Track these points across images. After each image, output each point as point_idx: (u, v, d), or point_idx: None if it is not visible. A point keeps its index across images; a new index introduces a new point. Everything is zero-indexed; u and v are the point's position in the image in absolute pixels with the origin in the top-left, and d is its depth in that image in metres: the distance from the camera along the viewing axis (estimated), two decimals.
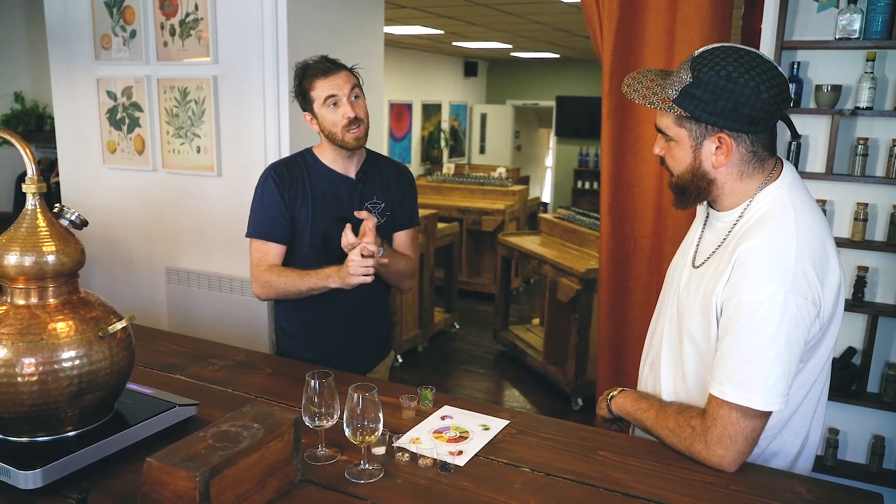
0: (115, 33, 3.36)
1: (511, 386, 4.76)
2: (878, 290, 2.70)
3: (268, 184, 2.02)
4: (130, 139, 3.44)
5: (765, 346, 1.27)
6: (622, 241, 2.92)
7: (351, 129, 1.94)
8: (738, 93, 1.30)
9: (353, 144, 1.97)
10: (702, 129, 1.36)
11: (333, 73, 1.95)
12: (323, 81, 1.94)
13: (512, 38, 7.78)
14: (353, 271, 1.80)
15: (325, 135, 1.99)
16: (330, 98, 1.93)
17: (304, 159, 2.07)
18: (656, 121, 1.44)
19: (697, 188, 1.42)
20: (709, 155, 1.38)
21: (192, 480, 1.10)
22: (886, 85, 2.59)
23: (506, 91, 11.44)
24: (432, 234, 5.22)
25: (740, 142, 1.36)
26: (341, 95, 1.93)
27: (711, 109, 1.32)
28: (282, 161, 2.08)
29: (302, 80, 1.97)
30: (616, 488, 1.33)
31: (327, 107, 1.94)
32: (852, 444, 2.79)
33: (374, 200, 2.07)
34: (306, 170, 2.04)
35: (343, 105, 1.93)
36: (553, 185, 11.54)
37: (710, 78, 1.31)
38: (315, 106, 1.96)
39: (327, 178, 2.04)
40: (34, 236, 1.32)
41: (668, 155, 1.44)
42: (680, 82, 1.35)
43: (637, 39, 2.75)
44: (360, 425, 1.32)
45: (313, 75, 1.95)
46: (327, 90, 1.93)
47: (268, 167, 2.06)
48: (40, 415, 1.29)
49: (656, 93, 1.38)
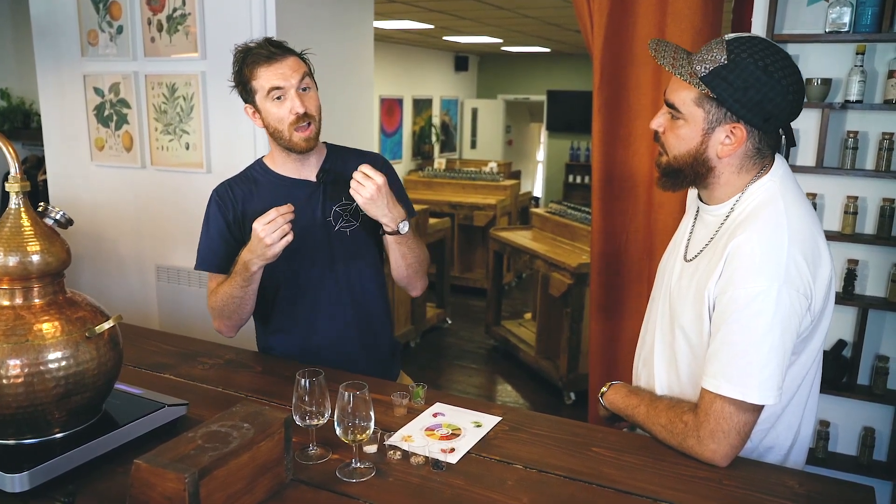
0: (101, 29, 3.32)
1: (504, 381, 4.76)
2: (867, 282, 2.71)
3: (210, 208, 1.84)
4: (118, 136, 3.41)
5: (759, 339, 1.27)
6: (614, 236, 2.92)
7: (299, 127, 1.71)
8: (770, 87, 1.27)
9: (301, 146, 1.74)
10: (720, 115, 1.32)
11: (278, 59, 1.69)
12: (266, 70, 1.69)
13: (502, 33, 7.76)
14: (263, 236, 1.58)
15: (269, 133, 1.77)
16: (274, 90, 1.69)
17: (252, 173, 1.87)
18: (668, 94, 1.38)
19: (695, 173, 1.39)
20: (717, 143, 1.35)
21: (181, 482, 1.08)
22: (876, 78, 2.59)
23: (497, 86, 11.41)
24: (424, 230, 5.21)
25: (751, 136, 1.34)
26: (288, 87, 1.69)
27: (739, 97, 1.29)
28: (228, 180, 1.88)
29: (242, 66, 1.72)
30: (609, 484, 1.33)
31: (271, 100, 1.70)
32: (843, 436, 2.81)
33: (343, 202, 1.85)
34: (255, 184, 1.84)
35: (290, 98, 1.69)
36: (544, 180, 11.53)
37: (748, 65, 1.27)
38: (257, 98, 1.72)
39: (280, 189, 1.82)
40: (18, 236, 1.30)
41: (670, 132, 1.39)
42: (712, 61, 1.30)
43: (628, 33, 2.74)
44: (351, 424, 1.31)
45: (255, 62, 1.70)
46: (272, 80, 1.68)
47: (214, 189, 1.87)
48: (27, 417, 1.27)
49: (682, 65, 1.34)
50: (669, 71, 1.35)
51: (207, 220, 1.86)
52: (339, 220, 1.87)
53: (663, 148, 1.42)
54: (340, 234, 1.87)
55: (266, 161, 1.89)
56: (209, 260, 1.86)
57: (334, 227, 1.86)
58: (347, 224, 1.88)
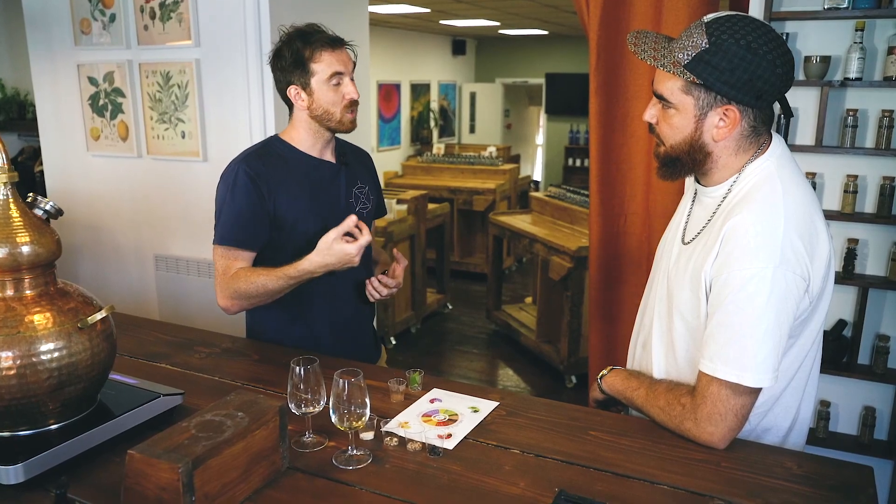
0: (94, 17, 3.29)
1: (505, 365, 4.76)
2: (868, 262, 2.69)
3: (239, 181, 1.77)
4: (114, 126, 3.39)
5: (754, 321, 1.26)
6: (612, 219, 2.91)
7: (350, 110, 1.81)
8: (756, 65, 1.25)
9: (349, 127, 1.83)
10: (710, 99, 1.30)
11: (340, 47, 1.79)
12: (331, 55, 1.76)
13: (499, 16, 7.69)
14: (351, 250, 1.64)
15: (314, 114, 1.80)
16: (336, 75, 1.77)
17: (276, 149, 1.85)
18: (655, 86, 1.36)
19: (693, 160, 1.37)
20: (711, 127, 1.33)
21: (175, 472, 1.08)
22: (875, 55, 2.56)
23: (495, 69, 11.34)
24: (423, 215, 5.19)
25: (745, 115, 1.31)
26: (346, 74, 1.78)
27: (727, 79, 1.27)
28: (252, 152, 1.84)
29: (301, 48, 1.75)
30: (607, 468, 1.32)
31: (329, 83, 1.77)
32: (844, 415, 2.80)
33: (360, 184, 1.96)
34: (283, 160, 1.83)
35: (346, 84, 1.78)
36: (544, 163, 11.50)
37: (730, 46, 1.25)
38: (314, 80, 1.76)
39: (308, 167, 1.85)
40: (7, 227, 1.28)
41: (664, 123, 1.37)
42: (693, 47, 1.28)
43: (624, 13, 2.71)
44: (346, 411, 1.30)
45: (320, 46, 1.75)
46: (334, 65, 1.76)
47: (235, 160, 1.82)
48: (21, 409, 1.27)
49: (664, 55, 1.32)
50: (651, 64, 1.33)
51: (234, 192, 1.78)
52: (359, 202, 1.95)
53: (659, 139, 1.41)
54: (361, 215, 1.93)
55: (286, 138, 1.87)
56: (235, 235, 1.78)
57: (356, 207, 1.93)
58: (364, 206, 1.96)
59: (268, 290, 1.74)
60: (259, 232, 1.80)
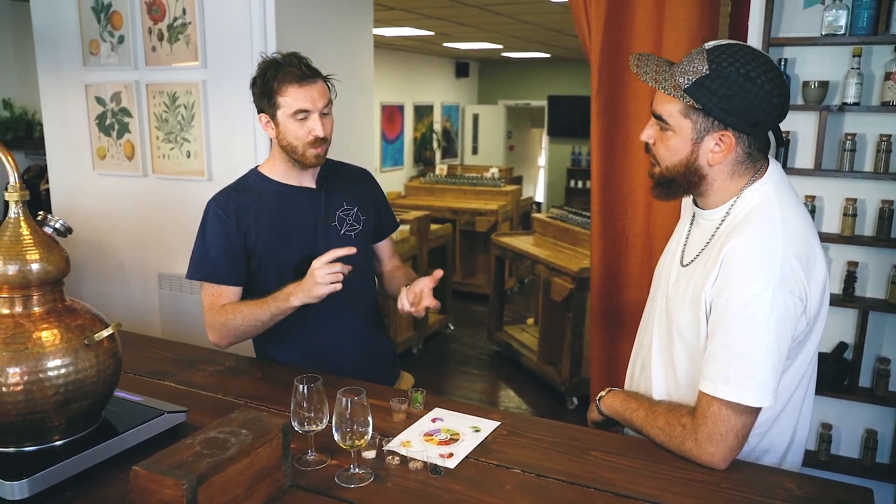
0: (102, 39, 3.34)
1: (506, 386, 4.75)
2: (868, 284, 2.70)
3: (209, 219, 1.84)
4: (120, 145, 3.43)
5: (754, 342, 1.27)
6: (613, 240, 2.92)
7: (315, 146, 1.78)
8: (754, 94, 1.28)
9: (312, 162, 1.80)
10: (708, 124, 1.33)
11: (310, 83, 1.75)
12: (297, 90, 1.73)
13: (502, 39, 7.78)
14: (319, 279, 1.65)
15: (281, 145, 1.80)
16: (300, 112, 1.74)
17: (250, 183, 1.88)
18: (655, 107, 1.39)
19: (688, 182, 1.40)
20: (707, 151, 1.36)
21: (180, 488, 1.09)
22: (873, 80, 2.60)
23: (497, 91, 11.43)
24: (426, 236, 5.21)
25: (740, 142, 1.34)
26: (313, 111, 1.75)
27: (724, 106, 1.30)
28: (226, 189, 1.89)
29: (271, 79, 1.75)
30: (607, 488, 1.33)
31: (294, 119, 1.75)
32: (845, 438, 2.80)
33: (345, 206, 1.93)
34: (255, 194, 1.86)
35: (312, 121, 1.75)
36: (546, 185, 11.54)
37: (730, 74, 1.28)
38: (279, 113, 1.76)
39: (282, 196, 1.86)
40: (18, 244, 1.30)
41: (661, 144, 1.40)
42: (694, 72, 1.31)
43: (625, 38, 2.75)
44: (349, 429, 1.31)
45: (287, 80, 1.73)
46: (300, 102, 1.73)
47: (211, 199, 1.87)
48: (26, 424, 1.28)
49: (665, 78, 1.35)
50: (652, 86, 1.36)
51: (204, 229, 1.86)
52: (344, 224, 1.93)
53: (655, 159, 1.44)
54: (346, 237, 1.92)
55: (263, 170, 1.91)
56: (207, 270, 1.86)
57: (340, 230, 1.92)
58: (351, 228, 1.94)
59: (259, 321, 1.79)
60: (236, 267, 1.85)
